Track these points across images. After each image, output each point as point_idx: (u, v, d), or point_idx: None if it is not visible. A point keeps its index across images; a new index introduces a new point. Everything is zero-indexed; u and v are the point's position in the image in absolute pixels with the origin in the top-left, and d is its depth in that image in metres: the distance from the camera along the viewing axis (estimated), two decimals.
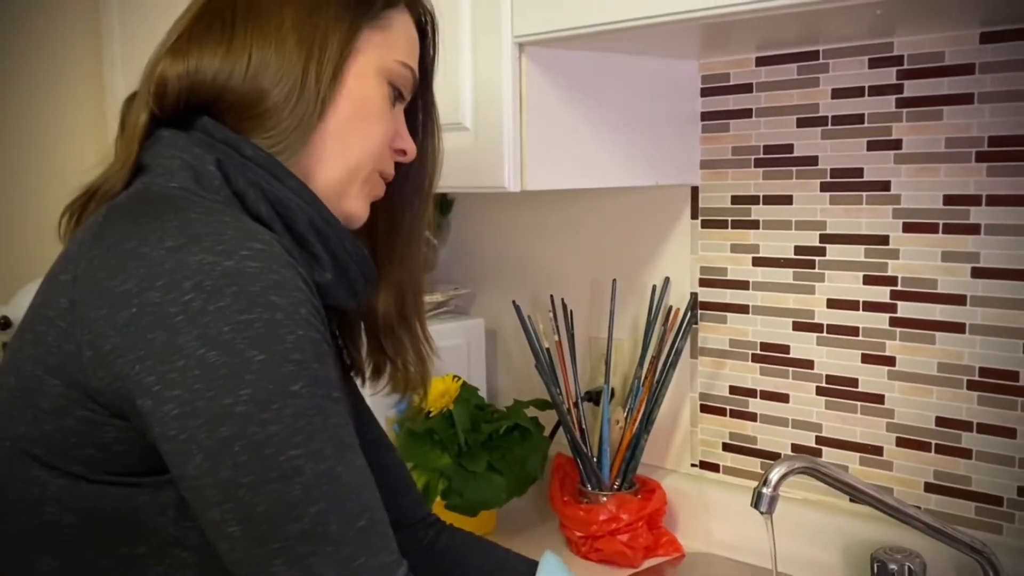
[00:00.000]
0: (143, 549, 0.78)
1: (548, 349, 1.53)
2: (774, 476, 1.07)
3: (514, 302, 1.53)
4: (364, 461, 0.79)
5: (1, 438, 0.81)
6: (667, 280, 1.52)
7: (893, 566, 1.20)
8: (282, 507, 0.72)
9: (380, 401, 1.61)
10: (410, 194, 1.03)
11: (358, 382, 1.09)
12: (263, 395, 0.72)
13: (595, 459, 1.49)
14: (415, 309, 1.04)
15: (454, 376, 1.56)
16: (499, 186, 1.27)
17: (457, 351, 1.75)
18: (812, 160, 1.36)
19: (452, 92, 1.30)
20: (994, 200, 1.21)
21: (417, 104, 1.02)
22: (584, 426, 1.51)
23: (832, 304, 1.36)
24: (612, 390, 1.56)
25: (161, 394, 0.72)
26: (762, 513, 1.08)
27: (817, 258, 1.37)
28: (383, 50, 0.92)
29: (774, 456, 1.43)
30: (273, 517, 0.72)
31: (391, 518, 1.10)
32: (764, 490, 1.08)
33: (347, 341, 1.05)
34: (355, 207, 0.94)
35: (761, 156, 1.41)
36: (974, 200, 1.23)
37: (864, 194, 1.32)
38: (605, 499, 1.46)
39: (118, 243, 0.76)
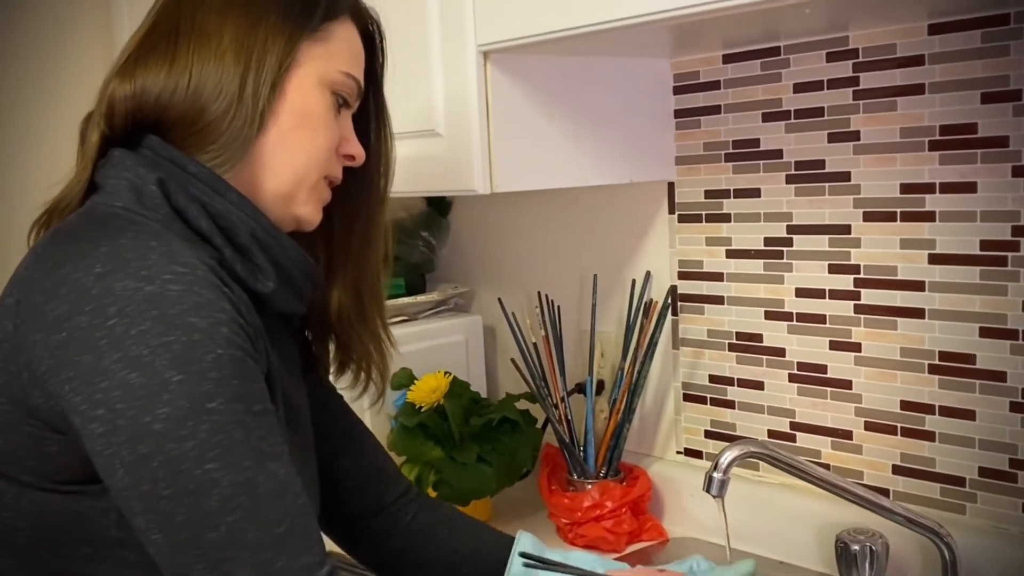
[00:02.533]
0: (89, 550, 0.84)
1: (535, 344, 1.58)
2: (724, 460, 1.12)
3: (500, 299, 1.59)
4: (289, 469, 0.82)
5: None
6: (648, 274, 1.56)
7: (856, 547, 1.24)
8: (199, 517, 0.76)
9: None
10: (364, 195, 1.05)
11: (332, 379, 1.14)
12: (180, 413, 0.76)
13: (581, 449, 1.54)
14: (373, 306, 1.07)
15: (445, 372, 1.62)
16: (470, 189, 1.33)
17: (456, 347, 1.81)
18: (777, 153, 1.40)
19: (425, 100, 1.36)
20: (947, 187, 1.24)
21: (369, 108, 1.05)
22: (570, 417, 1.56)
23: (800, 293, 1.40)
24: (601, 382, 1.61)
25: (87, 413, 0.77)
26: (713, 496, 1.12)
27: (785, 248, 1.40)
28: (324, 61, 0.95)
29: None
30: (191, 526, 0.77)
31: (366, 503, 1.15)
32: (715, 474, 1.12)
33: (315, 337, 1.10)
34: (304, 212, 0.98)
35: (731, 151, 1.45)
36: (928, 188, 1.26)
37: (826, 185, 1.35)
38: (590, 487, 1.51)
39: (55, 268, 0.81)
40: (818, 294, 1.38)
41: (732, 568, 1.10)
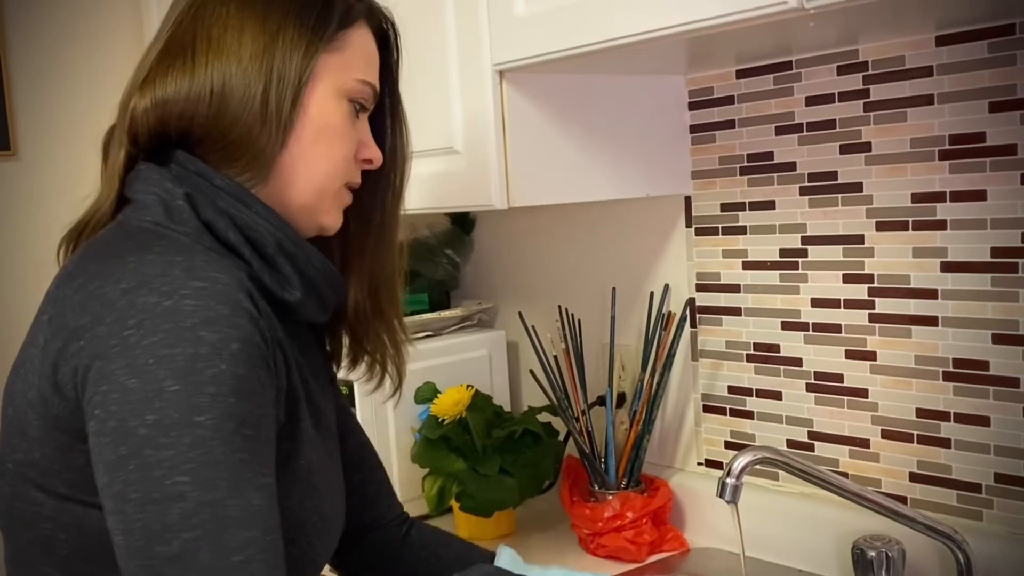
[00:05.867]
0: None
1: (556, 357, 1.61)
2: (737, 466, 1.13)
3: (520, 313, 1.62)
4: (268, 501, 0.80)
5: (5, 461, 0.90)
6: (666, 287, 1.58)
7: (872, 553, 1.25)
8: (157, 527, 0.76)
9: (406, 412, 1.72)
10: (380, 193, 1.06)
11: (345, 372, 1.14)
12: (167, 421, 0.76)
13: (602, 460, 1.56)
14: (389, 302, 1.07)
15: (468, 385, 1.65)
16: (487, 204, 1.36)
17: (479, 362, 1.84)
18: (791, 166, 1.42)
19: (443, 119, 1.40)
20: (957, 196, 1.25)
21: (384, 106, 1.06)
22: (591, 429, 1.58)
23: (816, 303, 1.41)
24: (622, 394, 1.63)
25: (88, 413, 0.80)
26: (727, 502, 1.14)
27: (800, 259, 1.42)
28: (340, 72, 0.96)
29: None
30: (147, 535, 0.76)
31: (369, 519, 1.17)
32: (728, 480, 1.14)
33: (330, 332, 1.11)
34: (327, 220, 1.00)
35: (745, 164, 1.47)
36: (939, 197, 1.27)
37: (839, 196, 1.37)
38: (611, 497, 1.52)
39: (85, 284, 0.83)
40: (833, 304, 1.39)
41: None
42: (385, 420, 1.71)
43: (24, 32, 2.02)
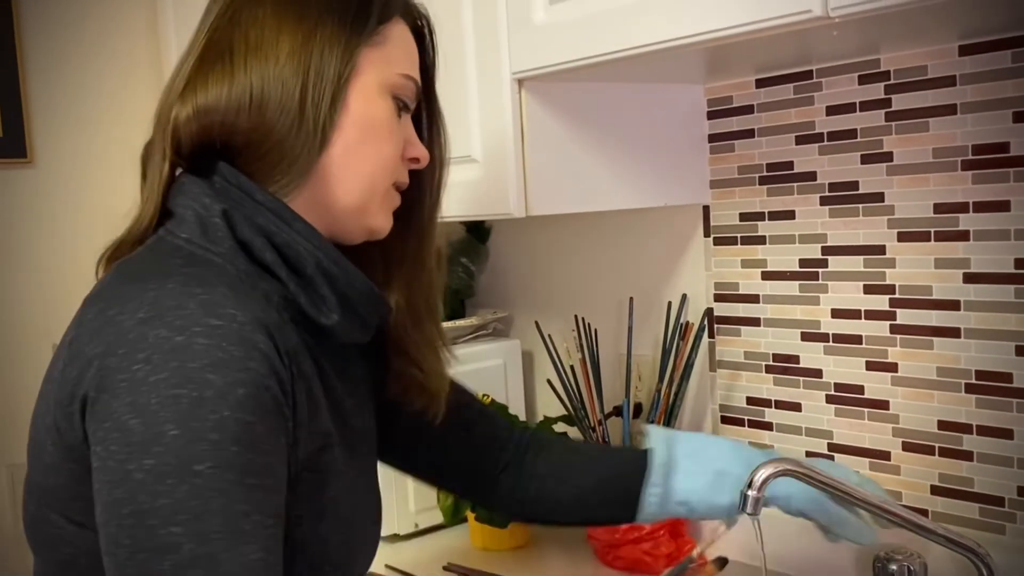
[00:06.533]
0: None
1: (573, 367, 1.60)
2: (759, 478, 1.12)
3: (536, 323, 1.61)
4: (265, 554, 0.77)
5: (30, 484, 0.89)
6: (684, 297, 1.57)
7: (893, 567, 1.23)
8: None
9: None
10: (419, 195, 1.02)
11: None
12: (164, 468, 0.74)
13: None
14: (427, 310, 1.03)
15: (483, 395, 1.64)
16: (506, 213, 1.36)
17: (495, 371, 1.83)
18: (811, 176, 1.41)
19: (462, 127, 1.39)
20: (980, 207, 1.24)
21: (421, 106, 1.03)
22: (608, 439, 1.57)
23: (836, 314, 1.40)
24: (639, 405, 1.62)
25: (92, 447, 0.78)
26: (749, 515, 1.13)
27: (820, 270, 1.41)
28: (383, 66, 0.93)
29: None
30: None
31: (486, 467, 1.17)
32: (749, 492, 1.12)
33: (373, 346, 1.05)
34: (377, 222, 0.96)
35: (764, 174, 1.47)
36: (962, 207, 1.26)
37: (860, 206, 1.36)
38: None
39: (105, 309, 0.81)
40: (854, 315, 1.38)
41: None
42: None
43: (41, 40, 2.02)
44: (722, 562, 1.28)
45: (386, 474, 1.24)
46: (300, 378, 0.85)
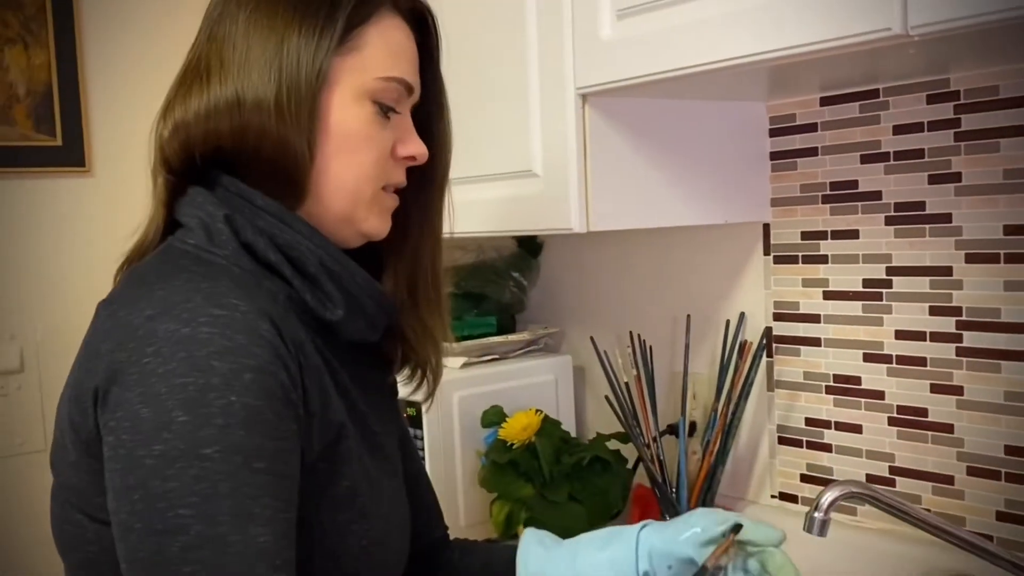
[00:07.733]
0: None
1: (627, 384, 1.59)
2: (825, 500, 1.11)
3: (592, 338, 1.60)
4: (274, 537, 0.78)
5: (55, 486, 0.91)
6: (742, 315, 1.56)
7: None
8: (158, 559, 0.76)
9: (471, 435, 1.71)
10: (419, 184, 1.02)
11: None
12: (173, 453, 0.76)
13: (673, 490, 1.54)
14: (427, 298, 1.04)
15: (536, 410, 1.63)
16: (567, 228, 1.35)
17: (546, 387, 1.83)
18: (876, 195, 1.39)
19: (523, 141, 1.39)
20: None
21: (426, 94, 1.01)
22: (662, 458, 1.56)
23: (900, 335, 1.38)
24: (693, 423, 1.61)
25: (104, 437, 0.80)
26: (816, 536, 1.11)
27: (884, 290, 1.39)
28: (358, 73, 0.93)
29: None
30: (148, 567, 0.77)
31: (422, 545, 1.14)
32: (816, 514, 1.11)
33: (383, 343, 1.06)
34: (369, 226, 0.97)
35: (828, 192, 1.45)
36: None
37: (927, 226, 1.34)
38: None
39: (116, 311, 0.84)
40: (919, 336, 1.36)
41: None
42: (452, 443, 1.70)
43: (101, 52, 2.05)
44: None
45: (435, 485, 1.23)
46: (308, 368, 0.86)
